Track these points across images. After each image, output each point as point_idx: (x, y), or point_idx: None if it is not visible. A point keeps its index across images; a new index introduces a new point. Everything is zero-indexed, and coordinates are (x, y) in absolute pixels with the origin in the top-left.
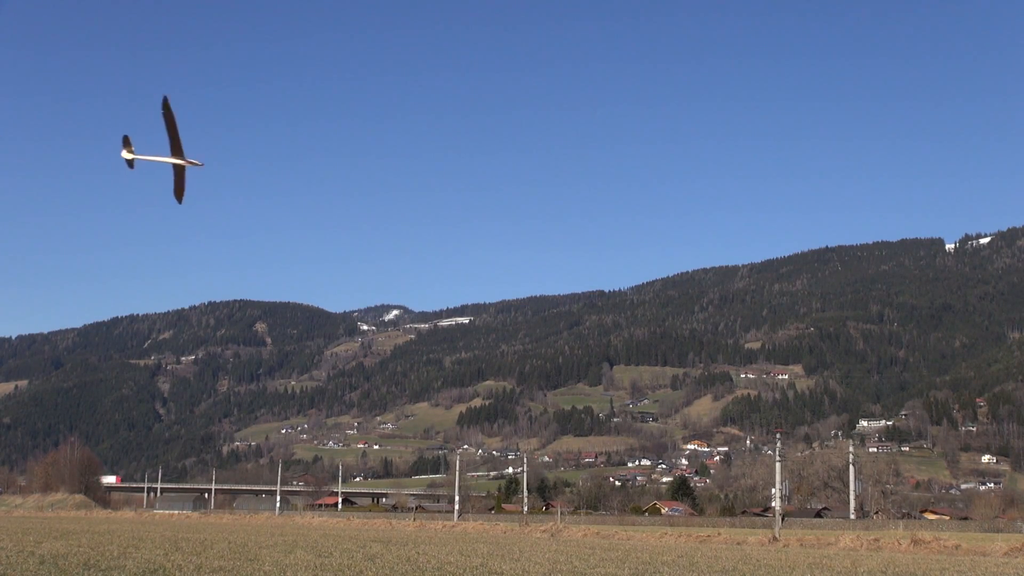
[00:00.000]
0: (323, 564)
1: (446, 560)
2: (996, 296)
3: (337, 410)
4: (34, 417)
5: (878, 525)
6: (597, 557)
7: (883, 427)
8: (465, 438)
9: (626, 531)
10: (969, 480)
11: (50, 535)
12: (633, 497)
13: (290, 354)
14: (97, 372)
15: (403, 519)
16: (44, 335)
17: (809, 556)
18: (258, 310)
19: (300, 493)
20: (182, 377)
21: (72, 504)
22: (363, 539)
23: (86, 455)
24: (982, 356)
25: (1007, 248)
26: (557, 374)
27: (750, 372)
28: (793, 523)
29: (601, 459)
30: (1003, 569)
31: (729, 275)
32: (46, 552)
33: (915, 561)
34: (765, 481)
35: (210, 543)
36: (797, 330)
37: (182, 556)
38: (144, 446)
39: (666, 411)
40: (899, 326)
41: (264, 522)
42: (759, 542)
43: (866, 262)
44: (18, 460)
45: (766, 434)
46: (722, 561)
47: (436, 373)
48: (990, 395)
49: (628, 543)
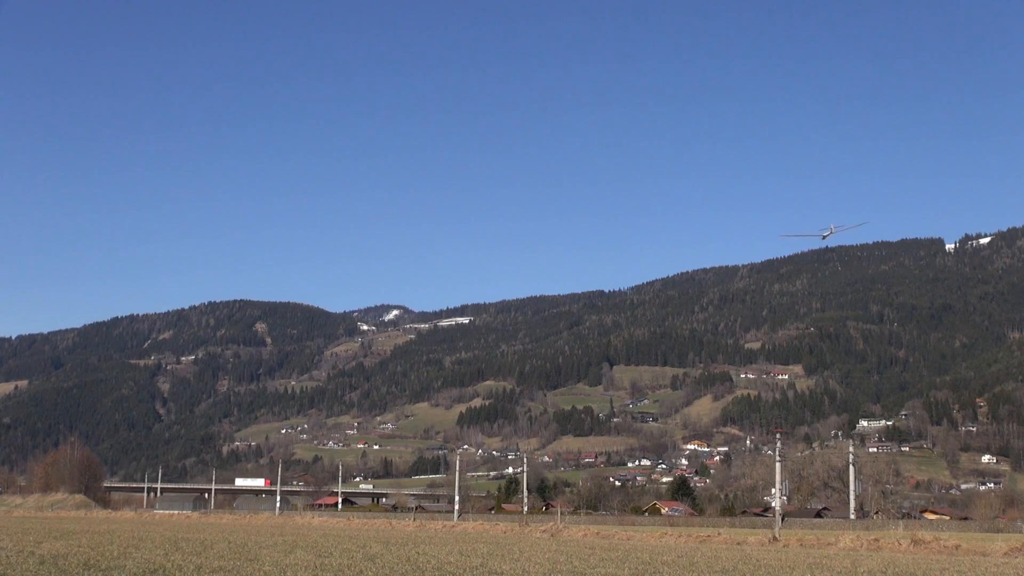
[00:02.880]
0: (323, 564)
1: (446, 560)
2: (996, 296)
3: (337, 410)
4: (34, 417)
5: (878, 525)
6: (597, 557)
7: (883, 427)
8: (465, 438)
9: (626, 531)
10: (969, 480)
11: (50, 535)
12: (633, 497)
13: (290, 354)
14: (97, 372)
15: (403, 519)
16: (44, 335)
17: (809, 556)
18: (258, 310)
19: (300, 493)
20: (182, 377)
21: (72, 504)
22: (363, 539)
23: (86, 455)
24: (982, 356)
25: (1007, 248)
26: (557, 374)
27: (750, 372)
28: (793, 523)
29: (601, 459)
30: (1003, 569)
31: (729, 275)
32: (46, 552)
33: (915, 561)
34: (765, 481)
35: (210, 543)
36: (797, 330)
37: (182, 556)
38: (144, 446)
39: (666, 411)
40: (899, 326)
41: (264, 522)
42: (759, 542)
43: (866, 262)
44: (18, 460)
45: (766, 434)
46: (722, 561)
47: (436, 373)
48: (990, 395)
49: (628, 543)
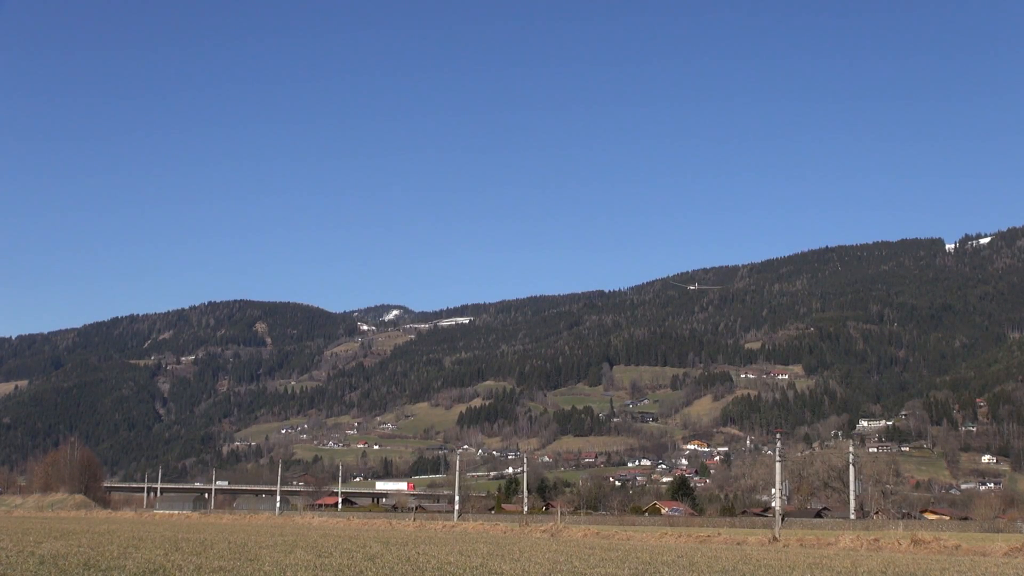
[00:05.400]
0: (323, 564)
1: (446, 560)
2: (996, 296)
3: (337, 410)
4: (34, 417)
5: (878, 525)
6: (597, 557)
7: (883, 427)
8: (465, 438)
9: (626, 531)
10: (969, 480)
11: (50, 535)
12: (633, 497)
13: (290, 354)
14: (97, 372)
15: (403, 519)
16: (44, 335)
17: (809, 556)
18: (258, 310)
19: (300, 493)
20: (182, 377)
21: (72, 504)
22: (363, 539)
23: (86, 455)
24: (982, 356)
25: (1007, 248)
26: (557, 374)
27: (750, 372)
28: (793, 523)
29: (601, 459)
30: (1003, 569)
31: (729, 275)
32: (46, 552)
33: (915, 561)
34: (765, 481)
35: (210, 543)
36: (797, 330)
37: (182, 556)
38: (144, 446)
39: (666, 411)
40: (899, 326)
41: (264, 522)
42: (759, 542)
43: (866, 262)
44: (18, 460)
45: (766, 434)
46: (722, 561)
47: (436, 373)
48: (990, 395)
49: (628, 543)
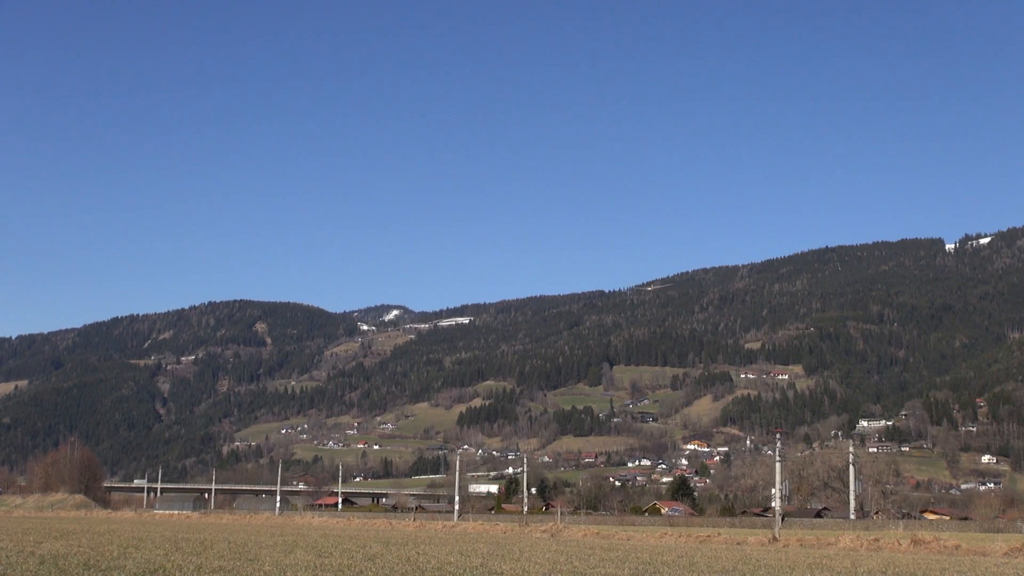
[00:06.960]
0: (323, 564)
1: (446, 560)
2: (996, 296)
3: (337, 410)
4: (34, 417)
5: (878, 525)
6: (597, 557)
7: (883, 427)
8: (465, 438)
9: (626, 531)
10: (969, 480)
11: (50, 535)
12: (633, 497)
13: (290, 354)
14: (97, 372)
15: (403, 519)
16: (44, 335)
17: (809, 556)
18: (258, 310)
19: (300, 493)
20: (182, 377)
21: (72, 504)
22: (363, 539)
23: (86, 455)
24: (982, 356)
25: (1007, 248)
26: (557, 374)
27: (750, 372)
28: (793, 523)
29: (601, 459)
30: (1003, 569)
31: (729, 275)
32: (46, 552)
33: (915, 561)
34: (765, 481)
35: (210, 543)
36: (797, 330)
37: (182, 556)
38: (144, 446)
39: (666, 411)
40: (899, 326)
41: (264, 522)
42: (759, 542)
43: (866, 262)
44: (18, 460)
45: (766, 434)
46: (722, 561)
47: (436, 373)
48: (990, 395)
49: (628, 543)
